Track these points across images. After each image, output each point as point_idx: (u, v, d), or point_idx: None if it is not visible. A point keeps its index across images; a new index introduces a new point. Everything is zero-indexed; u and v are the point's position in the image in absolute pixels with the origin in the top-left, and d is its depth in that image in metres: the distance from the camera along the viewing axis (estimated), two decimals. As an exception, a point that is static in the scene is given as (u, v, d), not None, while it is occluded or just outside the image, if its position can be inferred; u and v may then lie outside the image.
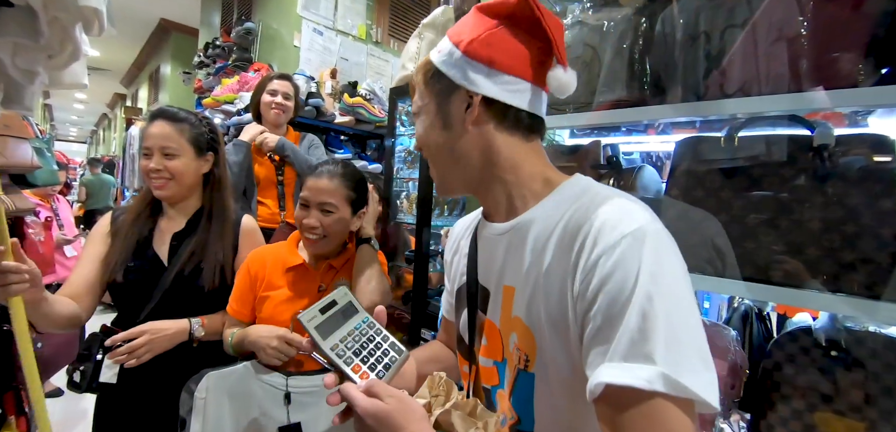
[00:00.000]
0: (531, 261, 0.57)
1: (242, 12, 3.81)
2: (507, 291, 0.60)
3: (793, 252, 0.82)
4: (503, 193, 0.62)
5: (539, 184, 0.61)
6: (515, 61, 0.59)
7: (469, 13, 0.64)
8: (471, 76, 0.59)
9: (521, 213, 0.60)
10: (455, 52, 0.60)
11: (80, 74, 1.29)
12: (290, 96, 1.99)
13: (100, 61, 8.10)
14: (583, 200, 0.54)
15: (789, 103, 0.85)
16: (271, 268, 1.16)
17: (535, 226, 0.58)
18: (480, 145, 0.61)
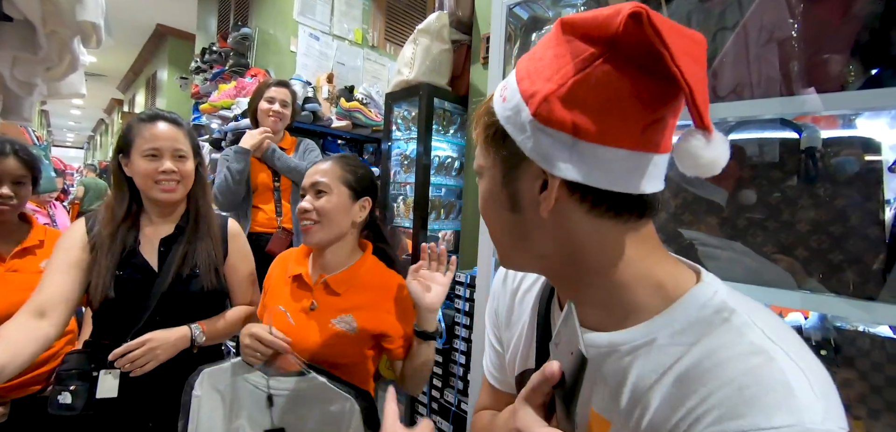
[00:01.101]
0: (635, 398, 0.42)
1: (239, 18, 3.82)
2: (599, 421, 0.46)
3: (783, 253, 0.83)
4: (596, 298, 0.46)
5: (646, 293, 0.43)
6: (615, 123, 0.39)
7: (545, 40, 0.44)
8: (546, 150, 0.41)
9: (623, 324, 0.44)
10: (523, 109, 0.42)
11: (78, 85, 1.30)
12: (288, 103, 1.99)
13: (97, 67, 8.09)
14: (721, 334, 0.39)
15: (780, 107, 0.87)
16: (278, 276, 1.14)
17: (646, 353, 0.42)
18: (561, 237, 0.44)
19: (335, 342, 1.00)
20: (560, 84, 0.40)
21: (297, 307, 1.05)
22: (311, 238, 1.04)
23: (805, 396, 0.34)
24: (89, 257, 1.06)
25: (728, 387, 0.35)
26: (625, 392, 0.43)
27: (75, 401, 0.99)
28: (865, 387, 0.80)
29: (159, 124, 1.09)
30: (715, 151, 0.38)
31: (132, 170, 1.08)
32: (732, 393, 0.35)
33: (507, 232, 0.48)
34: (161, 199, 1.10)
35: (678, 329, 0.41)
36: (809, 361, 0.37)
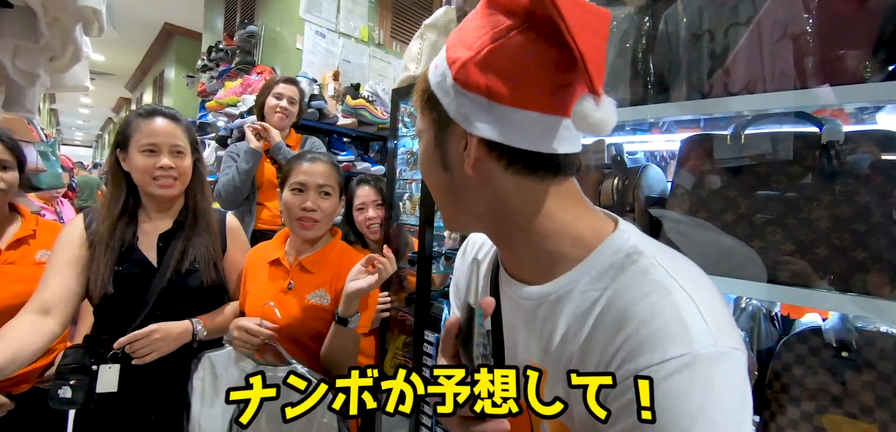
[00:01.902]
0: (563, 343, 0.45)
1: (245, 16, 3.82)
2: (532, 373, 0.46)
3: (802, 251, 0.80)
4: (526, 252, 0.49)
5: (568, 244, 0.47)
6: (525, 88, 0.43)
7: (473, 12, 0.47)
8: (466, 111, 0.44)
9: (549, 279, 0.47)
10: (448, 75, 0.45)
11: (82, 77, 1.29)
12: (295, 101, 2.00)
13: (105, 66, 8.15)
14: (629, 275, 0.42)
15: (795, 100, 0.84)
16: (257, 262, 1.19)
17: (570, 301, 0.45)
18: (486, 193, 0.47)
19: (313, 315, 1.10)
20: (477, 51, 0.43)
21: (276, 287, 1.13)
22: (311, 233, 1.13)
23: (696, 325, 0.38)
24: (88, 253, 1.06)
25: (630, 326, 0.40)
26: (555, 339, 0.46)
27: (76, 395, 0.99)
28: (888, 390, 0.77)
29: (157, 120, 1.09)
30: (603, 113, 0.41)
31: (130, 165, 1.08)
32: (633, 332, 0.39)
33: (443, 191, 0.52)
34: (158, 195, 1.10)
35: (595, 275, 0.45)
36: (704, 292, 0.41)
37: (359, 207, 1.83)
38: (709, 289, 0.43)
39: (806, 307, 0.88)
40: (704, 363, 0.37)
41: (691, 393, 0.36)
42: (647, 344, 0.38)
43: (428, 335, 1.75)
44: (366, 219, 1.83)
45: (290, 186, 1.13)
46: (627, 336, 0.40)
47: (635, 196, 1.02)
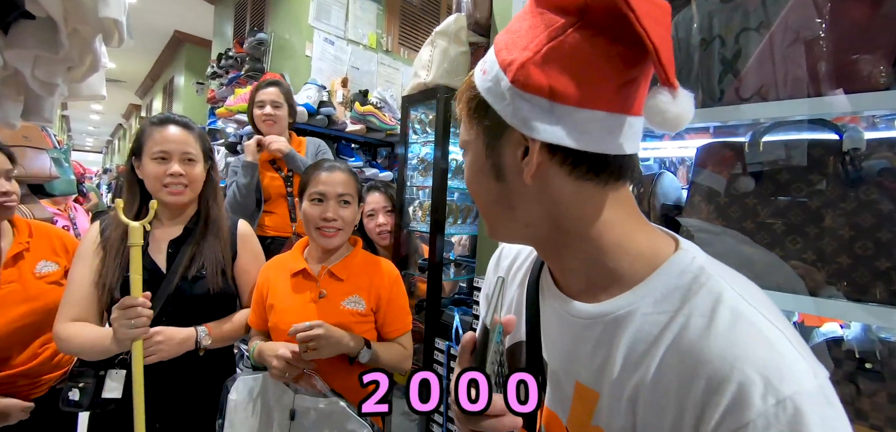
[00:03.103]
0: (626, 370, 0.43)
1: (255, 23, 3.86)
2: (586, 393, 0.47)
3: (823, 260, 0.79)
4: (580, 265, 0.47)
5: (628, 261, 0.45)
6: (590, 87, 0.41)
7: (521, 14, 0.45)
8: (525, 115, 0.42)
9: (604, 297, 0.45)
10: (502, 78, 0.43)
11: (98, 86, 1.31)
12: (280, 103, 1.92)
13: (115, 73, 8.27)
14: (701, 300, 0.40)
15: (810, 108, 0.83)
16: (276, 276, 1.17)
17: (631, 323, 0.43)
18: (545, 202, 0.45)
19: (350, 321, 1.09)
20: (536, 51, 0.41)
21: (305, 299, 1.11)
22: (333, 242, 1.13)
23: (794, 360, 0.36)
24: (101, 260, 1.08)
25: (717, 368, 0.36)
26: (614, 365, 0.44)
27: (82, 399, 1.01)
28: (914, 404, 0.75)
29: (170, 128, 1.10)
30: (680, 107, 0.39)
31: (143, 172, 1.09)
32: (724, 378, 0.36)
33: (494, 202, 0.49)
34: (168, 202, 1.11)
35: (659, 297, 0.42)
36: (783, 320, 0.39)
37: (369, 214, 1.83)
38: (783, 315, 0.40)
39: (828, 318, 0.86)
40: (814, 400, 0.34)
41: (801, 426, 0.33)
42: (747, 389, 0.34)
43: (438, 342, 1.75)
44: (376, 225, 1.82)
45: (309, 196, 1.14)
46: (717, 382, 0.36)
47: (651, 204, 1.02)
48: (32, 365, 1.23)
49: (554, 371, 0.51)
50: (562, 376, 0.50)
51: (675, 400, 0.39)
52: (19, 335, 1.19)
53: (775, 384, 0.34)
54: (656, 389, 0.40)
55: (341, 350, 1.03)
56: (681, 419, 0.38)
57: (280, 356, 1.01)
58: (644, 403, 0.41)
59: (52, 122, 1.30)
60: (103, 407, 1.03)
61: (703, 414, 0.36)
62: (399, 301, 1.17)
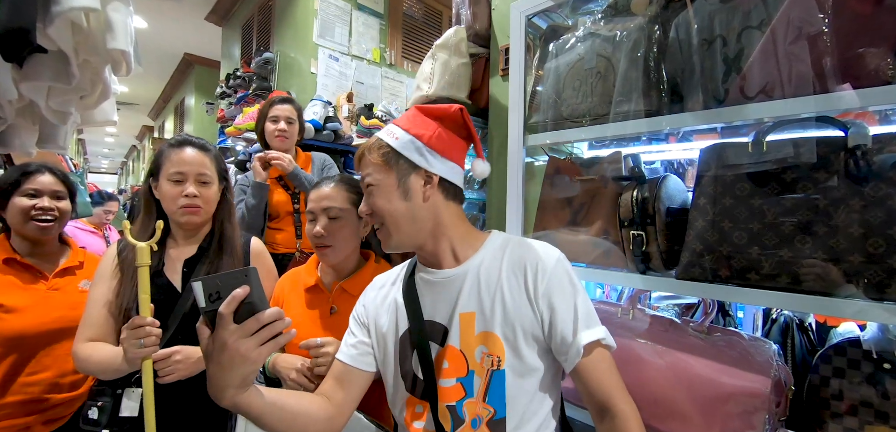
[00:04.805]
0: (488, 290, 0.78)
1: (261, 43, 3.93)
2: (466, 317, 0.79)
3: (834, 260, 0.77)
4: (448, 247, 0.83)
5: (471, 240, 0.85)
6: (454, 152, 0.83)
7: (411, 112, 0.84)
8: (430, 160, 0.80)
9: (466, 259, 0.82)
10: (418, 142, 0.80)
11: (110, 112, 1.35)
12: (293, 120, 1.95)
13: (128, 96, 8.48)
14: (511, 246, 0.82)
15: (816, 105, 0.82)
16: (290, 291, 1.18)
17: (481, 268, 0.80)
18: (433, 212, 0.81)
19: None
20: (434, 130, 0.82)
21: (317, 314, 1.11)
22: (328, 258, 1.12)
23: (551, 248, 0.81)
24: (119, 280, 1.10)
25: (535, 260, 0.78)
26: (482, 286, 0.79)
27: (101, 417, 1.03)
28: (936, 405, 0.73)
29: (187, 150, 1.13)
30: (485, 167, 0.88)
31: (160, 193, 1.11)
32: (537, 262, 0.78)
33: (401, 215, 0.80)
34: (182, 222, 1.13)
35: (494, 248, 0.83)
36: (541, 242, 0.84)
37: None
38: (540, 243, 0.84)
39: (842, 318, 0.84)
40: (561, 256, 0.80)
41: (564, 266, 0.79)
42: (541, 267, 0.77)
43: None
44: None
45: (307, 213, 1.15)
46: (532, 269, 0.77)
47: (656, 208, 1.00)
48: (63, 378, 1.31)
49: (441, 320, 0.81)
50: (449, 319, 0.80)
51: (520, 297, 0.77)
52: (53, 336, 1.29)
53: (548, 260, 0.78)
54: (511, 297, 0.77)
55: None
56: (527, 304, 0.76)
57: (299, 370, 1.02)
58: (508, 304, 0.77)
59: (66, 149, 1.34)
60: (121, 426, 1.04)
61: (533, 281, 0.77)
62: None
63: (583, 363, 0.73)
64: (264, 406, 0.71)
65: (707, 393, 0.87)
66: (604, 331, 0.75)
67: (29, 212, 1.27)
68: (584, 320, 0.74)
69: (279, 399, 0.76)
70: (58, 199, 1.33)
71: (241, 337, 0.61)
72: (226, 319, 0.60)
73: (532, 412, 0.76)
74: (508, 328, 0.75)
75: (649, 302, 1.26)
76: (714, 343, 0.93)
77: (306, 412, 0.79)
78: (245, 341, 0.61)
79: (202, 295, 0.60)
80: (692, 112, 0.98)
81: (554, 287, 0.75)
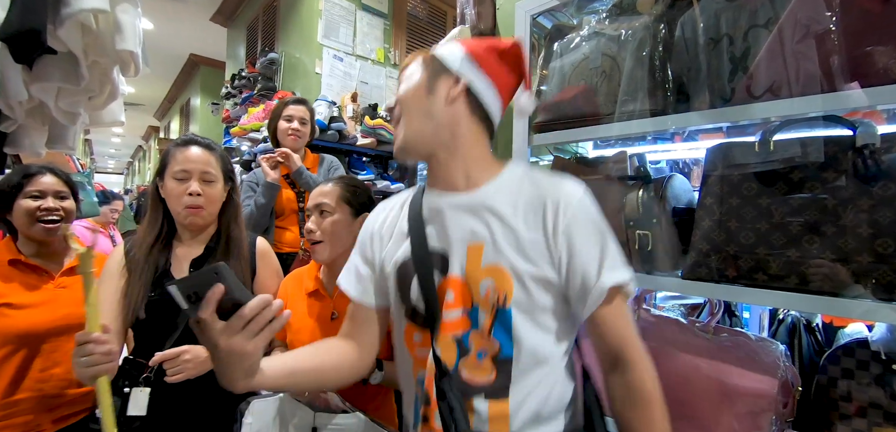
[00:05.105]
0: (501, 222, 0.72)
1: (266, 44, 3.95)
2: (474, 248, 0.72)
3: (843, 260, 0.77)
4: (461, 169, 0.76)
5: (489, 164, 0.77)
6: (499, 78, 0.76)
7: (474, 39, 0.79)
8: (465, 68, 0.75)
9: (480, 185, 0.75)
10: (460, 49, 0.76)
11: (118, 113, 1.36)
12: (307, 121, 1.98)
13: (134, 97, 8.54)
14: (530, 178, 0.75)
15: (823, 104, 0.81)
16: (293, 294, 1.18)
17: (499, 195, 0.73)
18: (451, 118, 0.74)
19: None
20: (483, 49, 0.76)
21: (319, 319, 1.11)
22: (318, 256, 1.12)
23: (575, 184, 0.73)
24: (126, 280, 1.10)
25: (556, 195, 0.71)
26: (494, 217, 0.72)
27: None
28: (946, 406, 0.72)
29: (192, 148, 1.13)
30: (529, 103, 0.81)
31: (165, 191, 1.12)
32: (559, 197, 0.71)
33: (420, 107, 0.75)
34: (186, 224, 1.13)
35: (511, 177, 0.76)
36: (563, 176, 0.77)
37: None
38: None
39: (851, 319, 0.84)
40: (585, 192, 0.72)
41: (589, 203, 0.72)
42: (563, 202, 0.70)
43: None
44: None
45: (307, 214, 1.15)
46: (553, 204, 0.70)
47: (662, 207, 1.00)
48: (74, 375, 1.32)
49: (444, 249, 0.75)
50: (455, 248, 0.74)
51: (537, 234, 0.70)
52: (62, 332, 1.29)
53: (573, 196, 0.71)
54: (526, 232, 0.70)
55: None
56: (545, 241, 0.69)
57: None
58: (524, 239, 0.70)
59: (74, 149, 1.36)
60: (129, 425, 1.04)
61: (553, 216, 0.70)
62: None
63: (603, 310, 0.67)
64: (282, 378, 0.72)
65: (713, 393, 0.87)
66: (629, 274, 0.68)
67: (34, 214, 1.28)
68: (611, 260, 0.67)
69: (297, 364, 0.76)
70: (61, 199, 1.34)
71: (230, 336, 0.59)
72: (208, 323, 0.59)
73: (543, 356, 0.69)
74: (519, 263, 0.69)
75: (655, 302, 1.26)
76: (720, 343, 0.92)
77: (332, 365, 0.80)
78: (235, 338, 0.59)
79: (181, 298, 0.58)
80: (698, 111, 0.97)
81: (577, 224, 0.68)
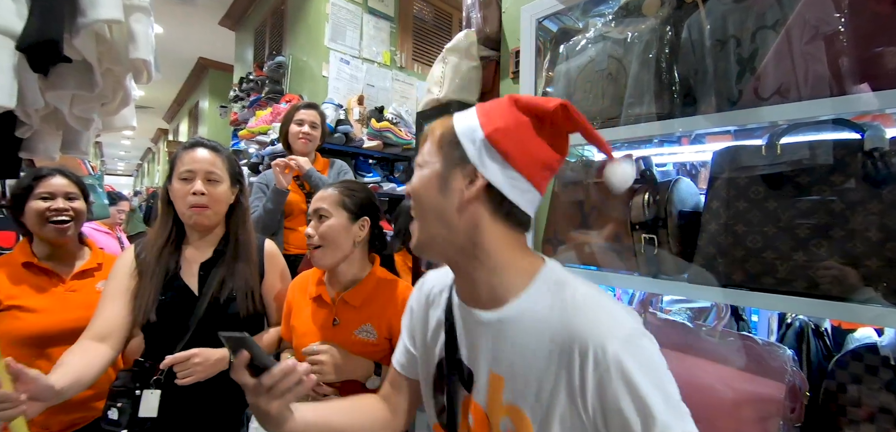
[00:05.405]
0: (522, 358, 0.61)
1: (273, 47, 3.99)
2: (495, 379, 0.63)
3: (851, 265, 0.76)
4: (484, 282, 0.64)
5: (514, 275, 0.64)
6: (528, 163, 0.62)
7: (498, 101, 0.65)
8: (484, 159, 0.61)
9: (503, 304, 0.63)
10: (478, 131, 0.62)
11: (130, 118, 1.38)
12: (317, 125, 2.03)
13: (144, 100, 8.65)
14: (562, 304, 0.60)
15: (833, 106, 0.81)
16: (300, 297, 1.19)
17: (521, 322, 0.62)
18: (469, 224, 0.63)
19: (361, 350, 1.08)
20: (508, 124, 0.62)
21: (321, 325, 1.12)
22: (318, 261, 1.11)
23: (623, 317, 0.58)
24: (137, 283, 1.12)
25: (590, 339, 0.55)
26: (515, 349, 0.61)
27: (121, 418, 1.05)
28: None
29: (198, 150, 1.15)
30: (622, 171, 0.63)
31: (172, 193, 1.14)
32: (595, 344, 0.55)
33: (433, 209, 0.64)
34: (191, 224, 1.14)
35: (539, 293, 0.62)
36: (611, 297, 0.62)
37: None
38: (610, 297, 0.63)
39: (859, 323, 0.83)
40: (636, 333, 0.56)
41: (635, 355, 0.54)
42: (591, 354, 0.55)
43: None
44: None
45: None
46: (581, 352, 0.56)
47: (667, 211, 1.00)
48: None
49: (471, 366, 0.67)
50: (480, 371, 0.65)
51: (560, 367, 0.57)
52: (72, 336, 1.27)
53: (611, 334, 0.55)
54: (548, 378, 0.58)
55: (349, 376, 1.04)
56: (571, 396, 0.56)
57: None
58: (545, 385, 0.58)
59: (88, 154, 1.38)
60: (141, 426, 1.06)
61: (580, 372, 0.55)
62: None
63: None
64: (313, 427, 0.73)
65: (720, 398, 0.86)
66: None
67: (44, 215, 1.30)
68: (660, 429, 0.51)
69: (331, 416, 0.77)
70: (71, 200, 1.36)
71: (257, 395, 0.65)
72: (243, 381, 0.66)
73: None
74: (542, 414, 0.58)
75: (661, 305, 1.26)
76: (727, 347, 0.92)
77: (364, 424, 0.79)
78: (263, 398, 0.65)
79: (230, 350, 0.68)
80: (705, 115, 0.97)
81: (612, 384, 0.53)
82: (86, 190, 1.45)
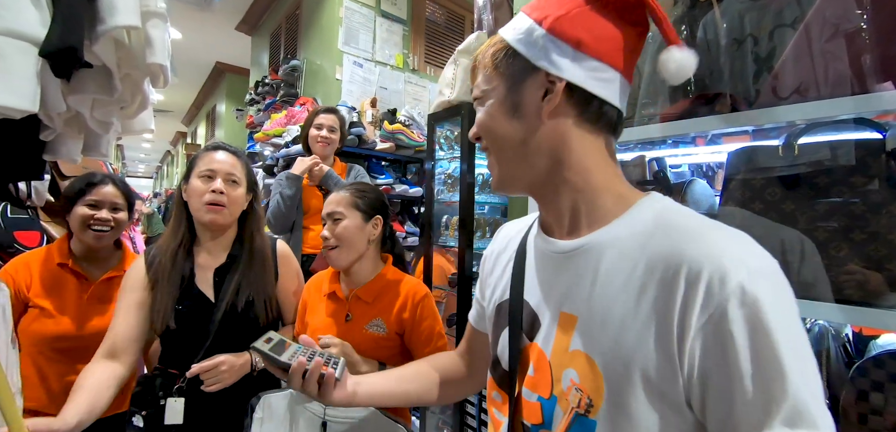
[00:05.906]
0: (604, 293, 0.49)
1: (288, 51, 4.05)
2: (566, 319, 0.52)
3: (872, 268, 0.74)
4: (568, 203, 0.54)
5: (611, 200, 0.53)
6: (606, 45, 0.51)
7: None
8: (554, 58, 0.51)
9: (587, 232, 0.53)
10: (536, 29, 0.52)
11: (148, 121, 1.42)
12: (336, 129, 2.08)
13: (163, 104, 8.87)
14: (668, 224, 0.48)
15: (854, 105, 0.78)
16: (314, 295, 1.22)
17: (608, 252, 0.50)
18: (554, 141, 0.52)
19: (371, 345, 1.12)
20: (569, 9, 0.51)
21: (335, 321, 1.15)
22: (335, 261, 1.15)
23: (755, 251, 0.45)
24: (151, 295, 1.12)
25: (706, 264, 0.43)
26: (596, 284, 0.50)
27: (146, 425, 1.05)
28: None
29: (219, 152, 1.18)
30: (684, 55, 0.52)
31: (189, 192, 1.15)
32: (713, 270, 0.42)
33: (509, 139, 0.55)
34: (206, 221, 1.14)
35: (636, 223, 0.50)
36: (739, 232, 0.47)
37: None
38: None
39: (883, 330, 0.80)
40: (771, 271, 0.44)
41: (766, 300, 0.41)
42: (707, 280, 0.42)
43: (469, 356, 1.74)
44: None
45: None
46: (693, 279, 0.43)
47: (681, 213, 0.98)
48: None
49: (537, 308, 0.57)
50: (548, 313, 0.55)
51: (659, 319, 0.44)
52: (87, 343, 1.29)
53: (738, 263, 0.42)
54: (640, 315, 0.46)
55: (354, 371, 1.04)
56: (667, 334, 0.43)
57: None
58: (632, 325, 0.46)
59: (109, 157, 1.42)
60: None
61: (683, 304, 0.43)
62: (426, 322, 1.15)
63: None
64: (387, 394, 0.77)
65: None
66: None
67: (87, 221, 1.33)
68: (789, 411, 0.38)
69: (404, 371, 0.81)
70: (116, 211, 1.38)
71: (295, 385, 0.70)
72: (308, 391, 0.71)
73: None
74: (618, 362, 0.46)
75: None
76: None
77: (429, 390, 0.80)
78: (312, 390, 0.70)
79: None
80: (721, 115, 0.95)
81: (728, 324, 0.40)
82: (133, 200, 1.47)
